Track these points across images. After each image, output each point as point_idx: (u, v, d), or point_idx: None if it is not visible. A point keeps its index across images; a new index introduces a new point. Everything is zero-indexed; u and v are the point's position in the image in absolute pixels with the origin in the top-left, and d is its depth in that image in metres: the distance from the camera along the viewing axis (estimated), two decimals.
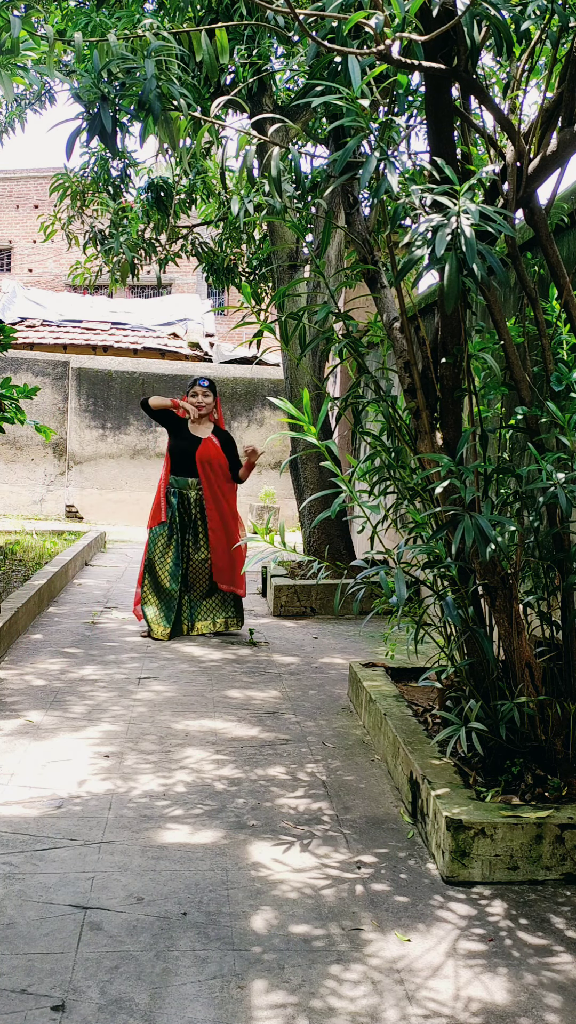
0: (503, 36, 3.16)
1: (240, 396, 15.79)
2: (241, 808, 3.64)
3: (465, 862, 3.08)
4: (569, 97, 3.45)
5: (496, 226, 2.97)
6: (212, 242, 10.78)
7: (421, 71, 3.37)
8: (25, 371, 15.66)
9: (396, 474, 3.95)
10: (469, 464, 3.57)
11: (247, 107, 8.50)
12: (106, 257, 10.38)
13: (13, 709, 4.83)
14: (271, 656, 6.32)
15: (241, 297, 4.17)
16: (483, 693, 3.64)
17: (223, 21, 7.08)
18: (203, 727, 4.65)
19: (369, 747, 4.44)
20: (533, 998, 2.45)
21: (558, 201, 4.56)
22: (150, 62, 3.66)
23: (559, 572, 3.65)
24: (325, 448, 3.68)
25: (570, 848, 3.10)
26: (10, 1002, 2.34)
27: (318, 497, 3.91)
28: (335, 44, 3.28)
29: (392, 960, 2.61)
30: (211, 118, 4.29)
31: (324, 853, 3.27)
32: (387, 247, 3.90)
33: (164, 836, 3.36)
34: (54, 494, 15.88)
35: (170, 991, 2.41)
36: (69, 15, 8.22)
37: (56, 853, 3.18)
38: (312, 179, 7.18)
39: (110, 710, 4.87)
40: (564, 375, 3.49)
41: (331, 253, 8.70)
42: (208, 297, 25.61)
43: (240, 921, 2.77)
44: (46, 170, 26.10)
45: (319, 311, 3.97)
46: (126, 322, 18.69)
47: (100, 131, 3.75)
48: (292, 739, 4.52)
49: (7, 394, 6.82)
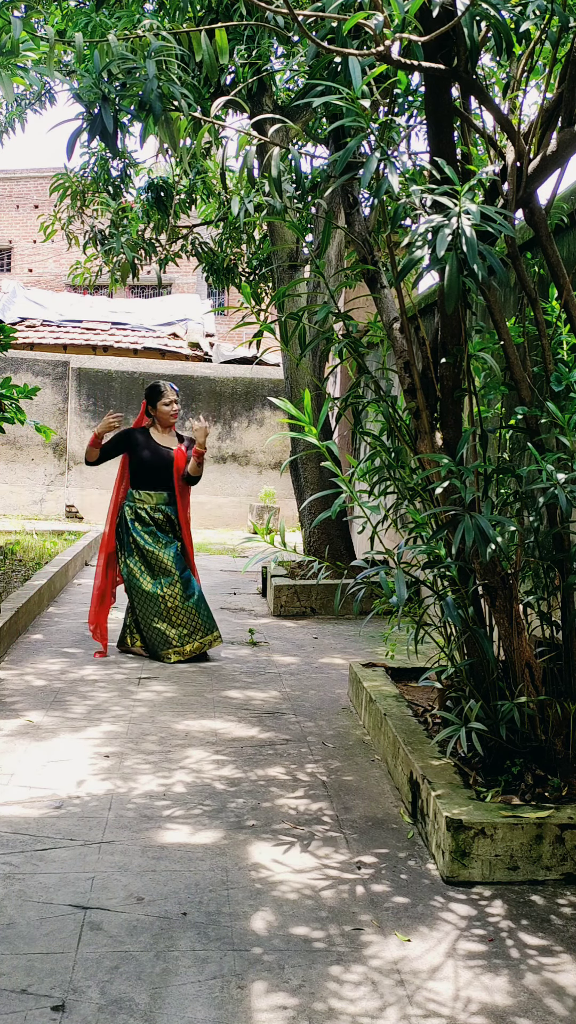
0: (503, 36, 3.16)
1: (240, 396, 15.78)
2: (241, 808, 3.64)
3: (465, 862, 3.08)
4: (569, 97, 3.45)
5: (496, 226, 2.97)
6: (212, 242, 10.78)
7: (421, 71, 3.37)
8: (25, 371, 15.66)
9: (396, 474, 3.95)
10: (469, 464, 3.57)
11: (247, 107, 8.50)
12: (106, 257, 10.39)
13: (13, 709, 4.83)
14: (271, 656, 6.31)
15: (241, 297, 4.17)
16: (483, 693, 3.64)
17: (223, 21, 7.08)
18: (203, 727, 4.65)
19: (369, 747, 4.44)
20: (533, 998, 2.45)
21: (558, 201, 4.56)
22: (151, 62, 3.66)
23: (559, 572, 3.65)
24: (325, 448, 3.68)
25: (570, 848, 3.10)
26: (10, 1002, 2.34)
27: (318, 497, 3.91)
28: (335, 44, 3.28)
29: (392, 961, 2.61)
30: (211, 118, 4.29)
31: (324, 853, 3.27)
32: (387, 247, 3.90)
33: (164, 836, 3.36)
34: (54, 494, 15.88)
35: (170, 991, 2.41)
36: (69, 15, 8.22)
37: (56, 853, 3.18)
38: (312, 179, 7.18)
39: (110, 710, 4.87)
40: (564, 375, 3.49)
41: (331, 253, 8.70)
42: (208, 297, 25.61)
43: (240, 921, 2.77)
44: (46, 170, 26.08)
45: (319, 311, 3.97)
46: (126, 322, 18.69)
47: (101, 131, 3.74)
48: (292, 739, 4.52)
49: (7, 394, 6.82)
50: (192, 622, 6.06)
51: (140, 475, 6.15)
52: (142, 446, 6.15)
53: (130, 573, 6.07)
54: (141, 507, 6.11)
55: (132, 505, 6.13)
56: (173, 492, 6.16)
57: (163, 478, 6.13)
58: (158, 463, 6.12)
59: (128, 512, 6.12)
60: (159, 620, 6.02)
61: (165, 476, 6.13)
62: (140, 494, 6.13)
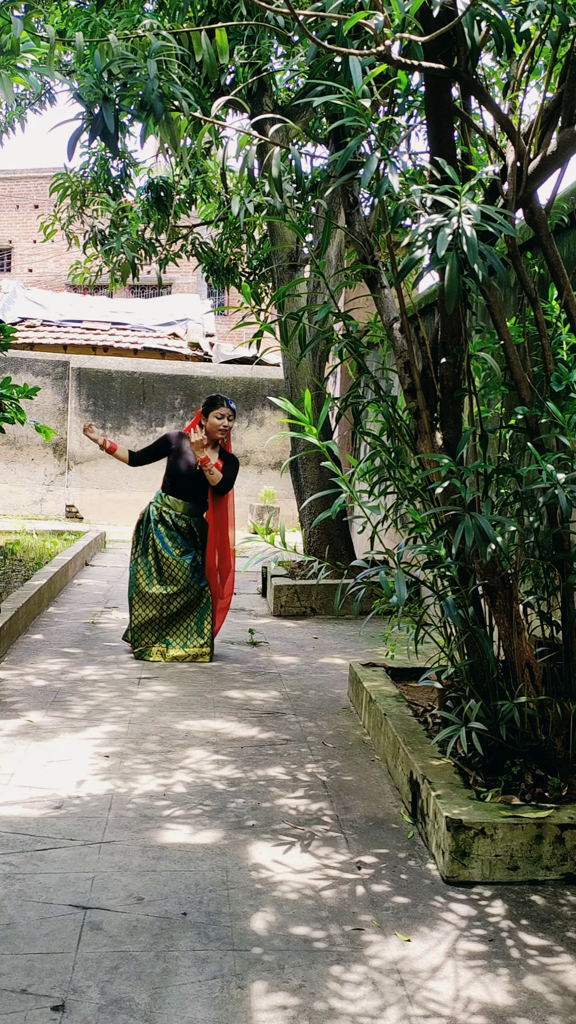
0: (503, 36, 3.16)
1: (240, 396, 15.78)
2: (241, 808, 3.64)
3: (465, 862, 3.08)
4: (569, 97, 3.45)
5: (497, 226, 2.97)
6: (212, 242, 10.78)
7: (421, 71, 3.37)
8: (25, 371, 15.66)
9: (396, 474, 3.95)
10: (469, 464, 3.57)
11: (247, 107, 8.50)
12: (106, 257, 10.38)
13: (13, 709, 4.83)
14: (271, 656, 6.31)
15: (241, 297, 4.17)
16: (483, 693, 3.64)
17: (223, 21, 7.08)
18: (203, 727, 4.65)
19: (369, 747, 4.44)
20: (533, 998, 2.45)
21: (558, 201, 4.57)
22: (152, 62, 3.66)
23: (559, 572, 3.65)
24: (325, 448, 3.67)
25: (570, 848, 3.10)
26: (10, 1002, 2.34)
27: (318, 497, 3.91)
28: (335, 44, 3.28)
29: (393, 961, 2.61)
30: (211, 118, 4.29)
31: (324, 853, 3.27)
32: (387, 247, 3.89)
33: (164, 836, 3.36)
34: (54, 494, 15.88)
35: (170, 991, 2.41)
36: (69, 15, 8.22)
37: (56, 853, 3.18)
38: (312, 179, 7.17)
39: (110, 710, 4.87)
40: (564, 375, 3.49)
41: (331, 253, 8.70)
42: (208, 297, 25.62)
43: (240, 921, 2.77)
44: (46, 170, 26.09)
45: (319, 311, 3.96)
46: (126, 322, 18.69)
47: (102, 132, 3.75)
48: (292, 739, 4.52)
49: (7, 394, 6.82)
50: (186, 632, 6.07)
51: (170, 481, 6.16)
52: (176, 453, 6.15)
53: (136, 572, 6.05)
54: (167, 512, 6.10)
55: (159, 507, 6.12)
56: (199, 504, 6.12)
57: (189, 489, 6.09)
58: (186, 473, 6.10)
59: (154, 511, 6.12)
60: (148, 623, 6.03)
61: (195, 489, 6.09)
62: (168, 499, 6.12)
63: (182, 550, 6.04)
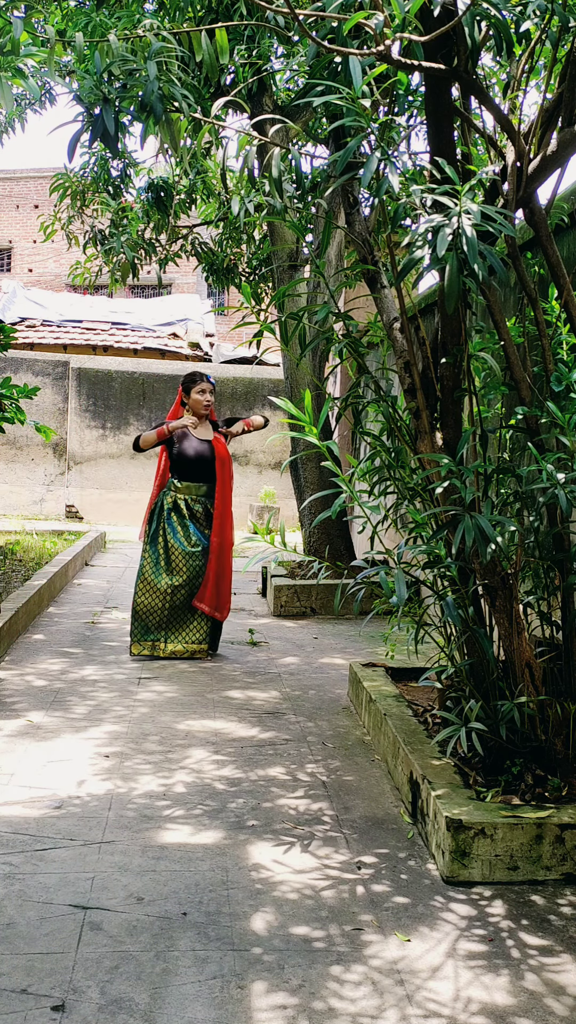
0: (503, 36, 3.16)
1: (240, 396, 15.78)
2: (241, 808, 3.64)
3: (465, 862, 3.08)
4: (569, 97, 3.45)
5: (497, 226, 2.97)
6: (212, 242, 10.78)
7: (421, 71, 3.37)
8: (25, 371, 15.66)
9: (396, 474, 3.95)
10: (469, 464, 3.57)
11: (247, 107, 8.50)
12: (106, 257, 10.39)
13: (13, 709, 4.83)
14: (271, 656, 6.32)
15: (241, 297, 4.17)
16: (483, 693, 3.64)
17: (223, 21, 7.08)
18: (204, 727, 4.65)
19: (369, 747, 4.44)
20: (533, 998, 2.45)
21: (558, 201, 4.56)
22: (152, 63, 3.66)
23: (559, 572, 3.65)
24: (325, 448, 3.68)
25: (570, 848, 3.10)
26: (10, 1002, 2.34)
27: (318, 497, 3.92)
28: (335, 44, 3.28)
29: (392, 961, 2.61)
30: (211, 119, 4.29)
31: (324, 853, 3.27)
32: (387, 247, 3.90)
33: (164, 836, 3.36)
34: (54, 494, 15.88)
35: (170, 991, 2.41)
36: (69, 15, 8.22)
37: (56, 853, 3.19)
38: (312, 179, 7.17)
39: (111, 710, 4.87)
40: (564, 375, 3.49)
41: (331, 253, 8.70)
42: (208, 297, 25.61)
43: (240, 921, 2.78)
44: (46, 170, 26.08)
45: (319, 311, 3.97)
46: (126, 322, 18.69)
47: (102, 133, 3.75)
48: (292, 739, 4.52)
49: (7, 394, 6.82)
50: (185, 626, 6.05)
51: (180, 467, 6.11)
52: (179, 438, 6.13)
53: (144, 560, 6.03)
54: (181, 498, 6.07)
55: (172, 494, 6.09)
56: (213, 485, 6.12)
57: (203, 470, 6.10)
58: (198, 455, 6.09)
59: (168, 501, 6.08)
60: (149, 612, 6.00)
61: (206, 468, 6.10)
62: (181, 484, 6.08)
63: (194, 540, 6.03)
